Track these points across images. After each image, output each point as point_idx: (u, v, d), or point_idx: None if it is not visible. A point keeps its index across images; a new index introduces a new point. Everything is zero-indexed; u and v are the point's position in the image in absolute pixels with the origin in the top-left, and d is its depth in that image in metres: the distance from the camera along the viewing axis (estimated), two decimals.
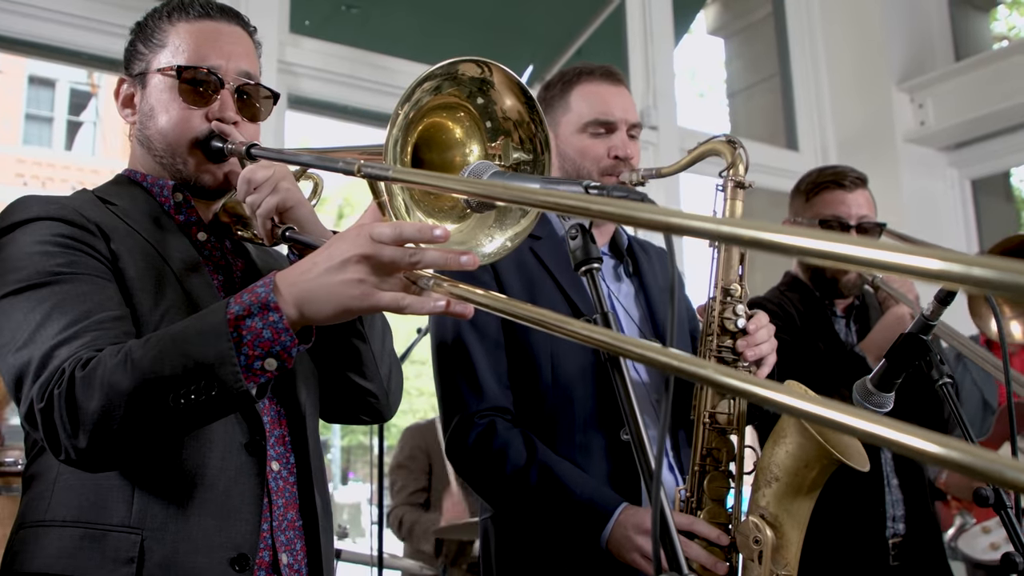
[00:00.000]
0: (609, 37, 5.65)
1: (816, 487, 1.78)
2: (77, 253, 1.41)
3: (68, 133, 20.24)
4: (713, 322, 1.99)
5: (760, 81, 6.44)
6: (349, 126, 5.02)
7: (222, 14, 1.67)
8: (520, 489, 1.92)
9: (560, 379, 2.03)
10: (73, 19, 3.81)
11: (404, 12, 5.62)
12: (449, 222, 1.36)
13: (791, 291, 2.89)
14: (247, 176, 1.50)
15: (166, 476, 1.39)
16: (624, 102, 2.23)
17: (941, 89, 5.55)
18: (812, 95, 6.01)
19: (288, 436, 1.57)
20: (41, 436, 1.29)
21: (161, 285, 1.47)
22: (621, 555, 1.82)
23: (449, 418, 2.04)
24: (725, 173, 2.06)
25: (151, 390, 1.22)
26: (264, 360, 1.23)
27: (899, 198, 5.38)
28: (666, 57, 5.47)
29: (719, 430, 1.92)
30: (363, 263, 1.19)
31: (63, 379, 1.26)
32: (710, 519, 1.86)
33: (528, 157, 1.39)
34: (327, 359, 1.65)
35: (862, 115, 5.78)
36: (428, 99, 1.31)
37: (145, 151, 1.64)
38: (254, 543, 1.42)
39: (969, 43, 5.95)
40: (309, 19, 5.06)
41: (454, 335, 2.06)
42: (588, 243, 1.12)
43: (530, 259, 2.12)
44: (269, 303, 1.23)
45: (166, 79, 1.60)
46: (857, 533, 2.62)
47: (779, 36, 6.20)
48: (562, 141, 2.22)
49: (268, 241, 1.50)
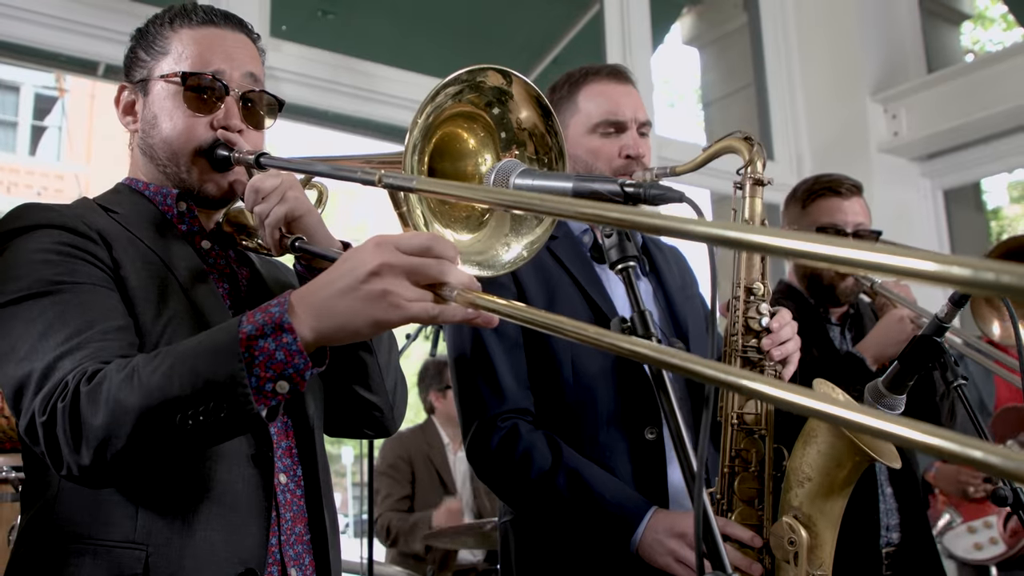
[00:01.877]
0: (588, 44, 5.67)
1: (848, 485, 1.78)
2: (78, 262, 1.37)
3: (32, 138, 19.92)
4: (737, 321, 1.97)
5: (735, 91, 6.49)
6: (327, 132, 4.98)
7: (226, 20, 1.64)
8: (547, 493, 1.90)
9: (581, 379, 2.02)
10: (43, 18, 3.72)
11: (382, 17, 5.60)
12: (465, 232, 1.34)
13: (786, 299, 2.90)
14: (255, 185, 1.47)
15: (171, 490, 1.35)
16: (633, 101, 2.22)
17: (914, 100, 5.62)
18: (787, 105, 6.06)
19: (296, 449, 1.54)
20: (42, 450, 1.25)
21: (164, 294, 1.43)
22: (653, 559, 1.80)
23: (469, 422, 2.01)
24: (743, 171, 2.02)
25: (159, 408, 1.18)
26: (276, 383, 1.19)
27: (873, 207, 5.35)
28: (644, 65, 5.49)
29: (747, 431, 1.91)
30: (388, 274, 1.12)
31: (67, 392, 1.22)
32: (741, 521, 1.84)
33: (544, 169, 1.37)
34: (333, 372, 1.61)
35: (837, 125, 5.84)
36: (448, 104, 1.30)
37: (147, 159, 1.60)
38: (262, 558, 1.39)
39: (941, 56, 6.05)
40: (286, 24, 5.02)
41: (472, 338, 2.04)
42: (624, 242, 1.11)
43: (548, 259, 2.10)
44: (283, 324, 1.18)
45: (170, 86, 1.56)
46: (850, 542, 2.61)
47: (754, 46, 6.25)
48: (572, 143, 2.20)
49: (276, 251, 1.48)
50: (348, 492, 23.10)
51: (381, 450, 4.75)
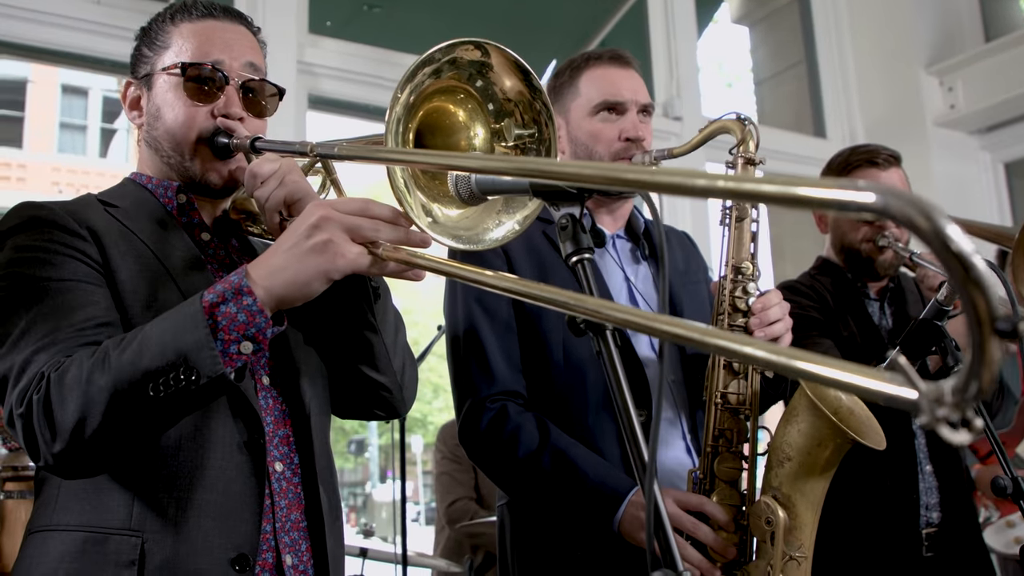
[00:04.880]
0: (631, 29, 5.62)
1: (831, 467, 1.74)
2: (65, 259, 1.41)
3: (102, 141, 20.55)
4: (724, 301, 1.96)
5: (786, 68, 6.37)
6: (371, 125, 5.02)
7: (225, 13, 1.67)
8: (533, 473, 1.90)
9: (572, 361, 2.01)
10: (110, 29, 3.87)
11: (425, 10, 5.62)
12: (454, 207, 1.34)
13: (823, 274, 2.83)
14: (253, 170, 1.49)
15: (165, 478, 1.38)
16: (633, 83, 2.20)
17: (971, 71, 5.44)
18: (839, 81, 5.93)
19: (292, 436, 1.55)
20: (21, 442, 1.30)
21: (155, 287, 1.46)
22: (632, 536, 1.79)
23: (461, 403, 2.03)
24: (735, 150, 2.05)
25: (130, 383, 1.22)
26: (240, 343, 1.26)
27: (930, 183, 5.28)
28: (689, 46, 5.42)
29: (731, 410, 1.89)
30: (327, 226, 1.24)
31: (41, 383, 1.27)
32: (722, 501, 1.82)
33: (532, 131, 1.37)
34: (338, 352, 1.63)
35: (890, 100, 5.69)
36: (428, 83, 1.30)
37: (152, 152, 1.64)
38: (254, 543, 1.41)
39: (998, 23, 5.83)
40: (331, 19, 5.08)
41: (465, 320, 2.04)
42: (579, 233, 1.08)
43: (543, 243, 2.10)
44: (242, 288, 1.26)
45: (171, 78, 1.59)
46: (888, 522, 2.54)
47: (804, 22, 6.13)
48: (573, 127, 2.20)
49: (276, 235, 1.49)
50: (419, 480, 23.33)
51: (438, 441, 4.69)
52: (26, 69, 19.40)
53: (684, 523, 1.76)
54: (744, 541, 1.78)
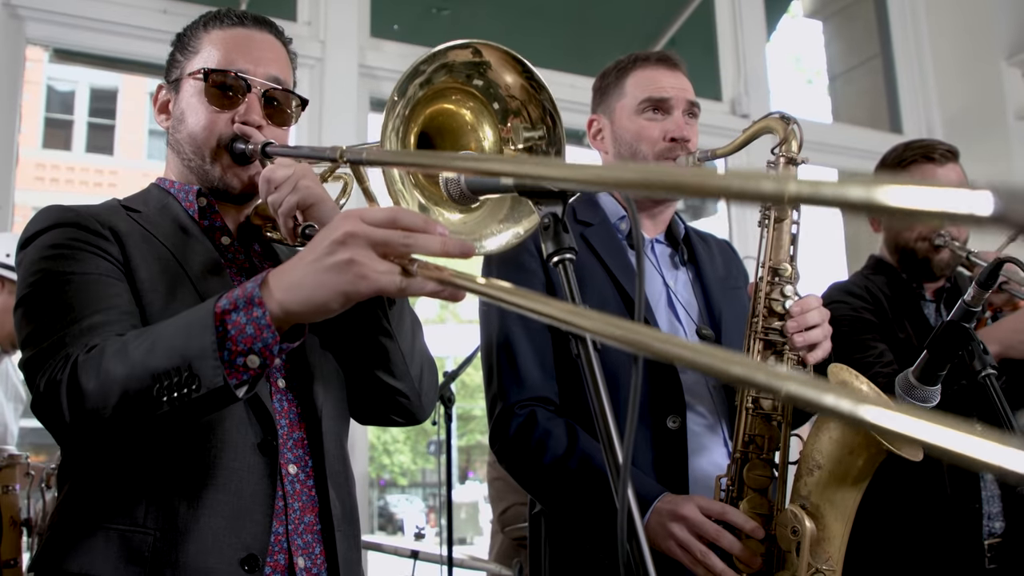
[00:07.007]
0: (699, 25, 5.54)
1: (864, 477, 1.68)
2: (88, 255, 1.46)
3: None
4: (760, 303, 1.92)
5: (861, 63, 6.20)
6: None
7: (255, 23, 1.70)
8: (560, 479, 1.88)
9: (606, 366, 1.98)
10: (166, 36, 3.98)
11: (491, 12, 5.64)
12: (456, 211, 1.34)
13: (876, 274, 2.75)
14: (267, 175, 1.51)
15: (179, 476, 1.41)
16: (679, 83, 2.17)
17: None
18: (916, 75, 5.74)
19: (307, 439, 1.56)
20: (47, 421, 1.33)
21: (174, 288, 1.49)
22: (656, 543, 1.75)
23: (492, 408, 2.02)
24: (777, 150, 2.00)
25: (139, 381, 1.23)
26: (247, 357, 1.20)
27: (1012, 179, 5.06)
28: (757, 42, 5.32)
29: (764, 416, 1.84)
30: (352, 243, 1.11)
31: (67, 365, 1.29)
32: (751, 509, 1.77)
33: (541, 132, 1.36)
34: (354, 358, 1.64)
35: (970, 93, 5.48)
36: (423, 91, 1.30)
37: (176, 156, 1.69)
38: (264, 544, 1.42)
39: None
40: (397, 23, 5.13)
41: (499, 325, 2.04)
42: (560, 233, 1.07)
43: (581, 245, 2.07)
44: (254, 298, 1.19)
45: (196, 83, 1.63)
46: (949, 533, 2.44)
47: (879, 15, 5.96)
48: (618, 127, 2.18)
49: (291, 240, 1.51)
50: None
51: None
52: (116, 79, 20.12)
53: (707, 530, 1.72)
54: (772, 552, 1.73)
